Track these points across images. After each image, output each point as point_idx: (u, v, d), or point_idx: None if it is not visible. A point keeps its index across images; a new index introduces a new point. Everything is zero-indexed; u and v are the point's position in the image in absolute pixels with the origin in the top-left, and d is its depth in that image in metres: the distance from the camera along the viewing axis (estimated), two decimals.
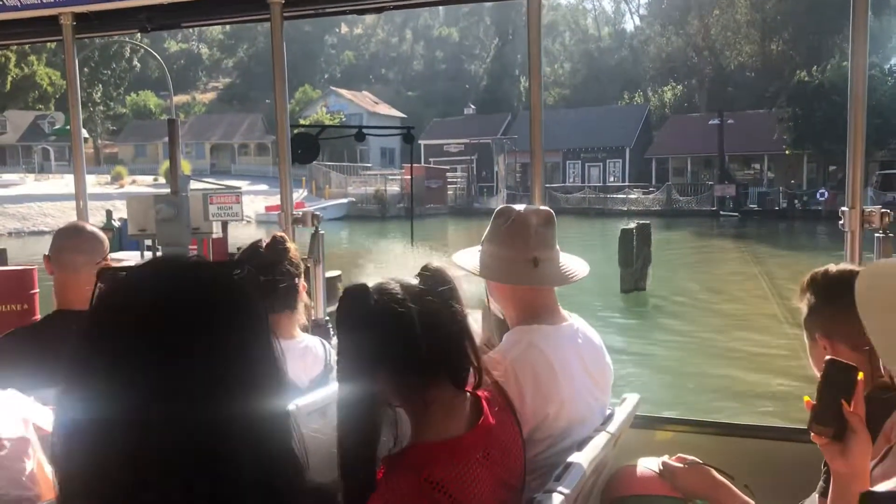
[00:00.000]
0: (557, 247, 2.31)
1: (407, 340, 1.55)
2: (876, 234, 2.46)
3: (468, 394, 1.66)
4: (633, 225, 16.99)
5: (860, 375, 1.57)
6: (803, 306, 2.07)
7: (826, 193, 39.21)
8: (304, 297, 2.76)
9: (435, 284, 1.63)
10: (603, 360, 2.34)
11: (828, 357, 1.63)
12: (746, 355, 11.14)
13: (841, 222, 2.50)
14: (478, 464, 1.58)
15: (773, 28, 49.49)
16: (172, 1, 3.06)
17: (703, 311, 15.23)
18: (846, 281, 1.91)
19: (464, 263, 2.24)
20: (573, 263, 2.33)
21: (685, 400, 9.10)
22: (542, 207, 2.33)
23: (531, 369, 2.07)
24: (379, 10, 3.02)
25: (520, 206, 2.31)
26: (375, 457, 1.58)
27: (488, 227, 2.32)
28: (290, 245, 2.71)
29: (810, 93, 41.76)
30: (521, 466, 1.76)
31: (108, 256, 2.85)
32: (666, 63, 57.16)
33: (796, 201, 41.43)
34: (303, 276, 2.76)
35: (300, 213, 3.12)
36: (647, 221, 17.84)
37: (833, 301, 1.98)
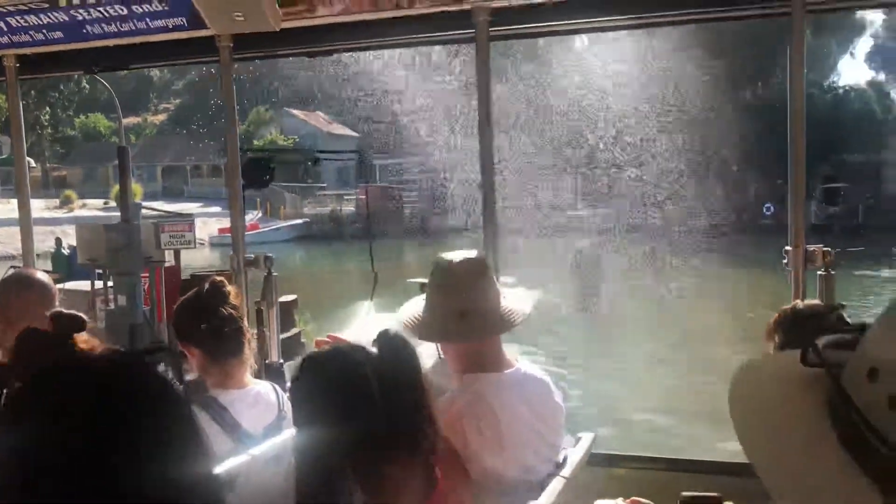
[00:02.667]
0: (497, 291, 2.30)
1: (366, 416, 1.54)
2: (818, 273, 2.52)
3: (423, 458, 1.65)
4: (587, 243, 17.19)
5: None
6: (771, 346, 2.07)
7: (772, 207, 39.99)
8: (250, 342, 2.72)
9: (393, 352, 1.63)
10: (552, 402, 2.35)
11: (683, 494, 1.59)
12: (702, 370, 11.28)
13: (785, 261, 2.56)
14: None
15: (718, 45, 50.50)
16: (119, 43, 3.04)
17: (653, 329, 15.40)
18: (818, 316, 1.95)
19: (401, 317, 2.25)
20: (515, 304, 2.33)
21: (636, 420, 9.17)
22: (475, 256, 2.33)
23: (476, 421, 2.07)
24: (329, 53, 3.04)
25: (455, 255, 2.31)
26: None
27: (430, 277, 2.33)
28: (231, 289, 2.66)
29: (755, 110, 42.71)
30: None
31: (56, 304, 2.80)
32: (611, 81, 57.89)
33: (744, 215, 42.16)
34: (246, 319, 2.72)
35: (252, 256, 3.10)
36: (596, 241, 18.06)
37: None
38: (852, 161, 39.44)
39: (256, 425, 2.64)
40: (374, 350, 1.63)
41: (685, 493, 1.53)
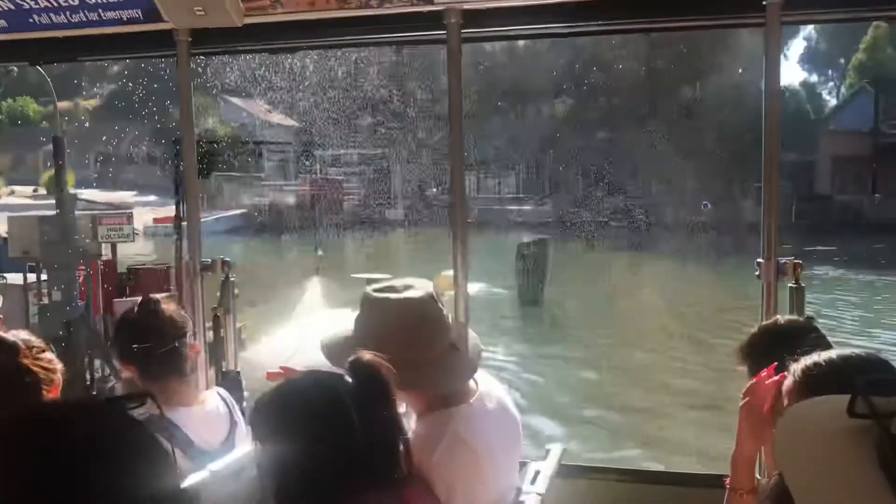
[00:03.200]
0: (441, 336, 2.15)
1: (346, 442, 1.49)
2: (789, 285, 2.53)
3: (397, 486, 1.61)
4: (530, 240, 17.31)
5: None
6: (743, 366, 2.03)
7: (708, 205, 40.98)
8: (194, 358, 2.65)
9: (368, 379, 1.58)
10: (511, 416, 2.32)
11: None
12: (644, 367, 11.47)
13: (757, 273, 2.55)
14: None
15: (659, 46, 51.48)
16: (68, 35, 2.87)
17: (597, 324, 15.61)
18: (801, 333, 1.93)
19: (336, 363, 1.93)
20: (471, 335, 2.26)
21: (586, 420, 9.26)
22: (425, 290, 2.13)
23: (461, 467, 1.99)
24: (292, 51, 2.93)
25: (399, 292, 2.11)
26: None
27: (360, 316, 2.15)
28: (165, 307, 2.56)
29: (694, 108, 43.69)
30: None
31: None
32: (556, 77, 58.53)
33: (682, 211, 43.08)
34: (190, 335, 2.64)
35: (209, 260, 2.98)
36: (545, 236, 18.18)
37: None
38: (786, 160, 40.63)
39: (212, 440, 2.58)
40: (347, 377, 1.58)
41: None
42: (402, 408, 2.08)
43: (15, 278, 10.24)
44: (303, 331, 10.04)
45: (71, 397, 1.01)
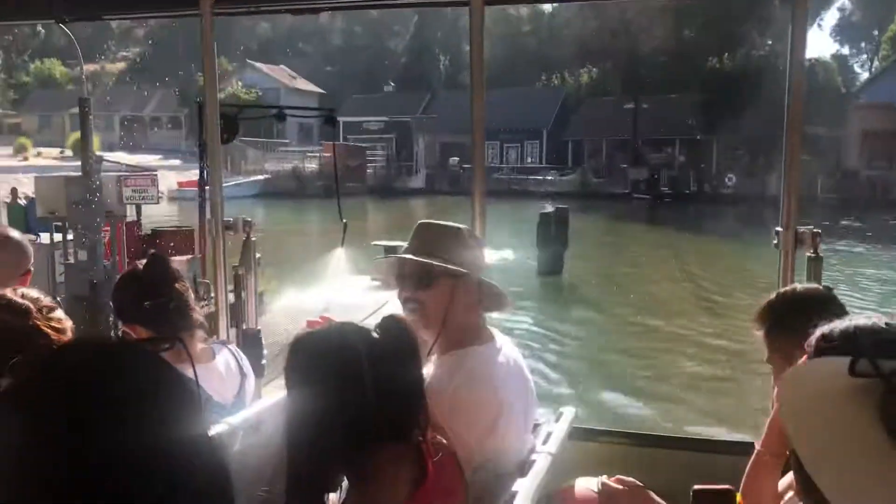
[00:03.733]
0: None
1: (355, 400, 1.50)
2: (807, 255, 2.51)
3: (414, 447, 1.61)
4: (551, 209, 17.21)
5: (738, 498, 1.50)
6: (760, 329, 2.03)
7: (734, 178, 40.61)
8: (198, 314, 2.60)
9: (393, 337, 1.59)
10: (525, 376, 2.35)
11: (694, 487, 1.54)
12: (662, 337, 11.46)
13: (775, 242, 2.54)
14: None
15: (687, 15, 50.69)
16: None
17: (617, 294, 15.58)
18: (821, 302, 1.93)
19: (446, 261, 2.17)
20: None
21: (603, 385, 9.29)
22: (465, 227, 2.33)
23: (475, 399, 2.04)
24: (315, 12, 2.93)
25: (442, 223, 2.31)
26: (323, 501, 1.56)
27: (442, 239, 2.25)
28: (171, 262, 2.57)
29: (721, 80, 43.08)
30: None
31: (30, 267, 2.71)
32: (582, 46, 57.87)
33: (706, 185, 42.75)
34: (224, 284, 2.65)
35: (231, 219, 3.01)
36: (566, 206, 18.08)
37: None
38: (812, 134, 40.01)
39: (227, 395, 2.60)
40: (374, 333, 1.58)
41: (697, 487, 1.51)
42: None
43: (42, 238, 10.38)
44: (323, 295, 10.10)
45: (101, 338, 0.99)
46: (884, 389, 0.83)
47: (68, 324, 2.13)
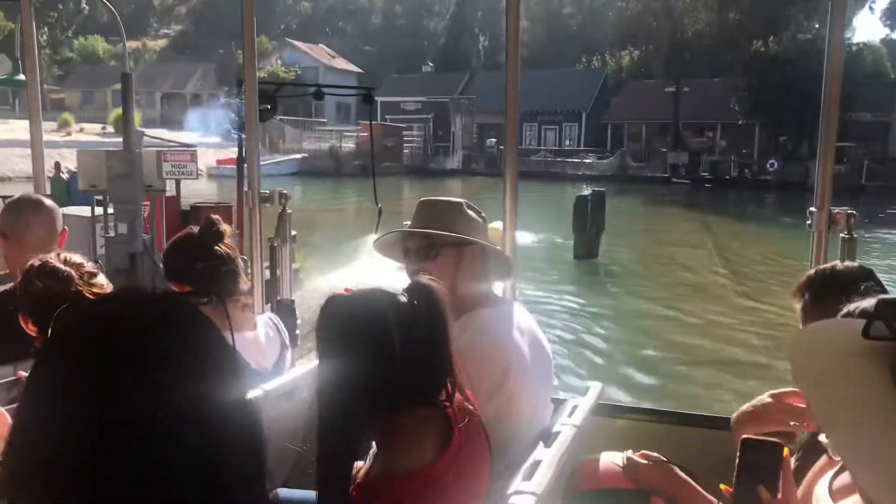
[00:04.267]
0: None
1: (382, 362, 1.52)
2: (841, 235, 2.49)
3: (440, 410, 1.63)
4: (587, 191, 17.07)
5: (786, 452, 1.47)
6: (798, 304, 2.01)
7: (776, 164, 39.95)
8: (245, 283, 2.65)
9: (422, 301, 1.60)
10: (545, 350, 2.35)
11: (744, 436, 1.50)
12: (698, 323, 11.36)
13: (808, 222, 2.52)
14: (449, 487, 1.57)
15: None
16: None
17: (654, 280, 15.46)
18: (857, 280, 1.91)
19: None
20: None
21: (634, 365, 9.25)
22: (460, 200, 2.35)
23: (479, 356, 2.03)
24: None
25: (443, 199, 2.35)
26: (352, 463, 1.58)
27: (443, 213, 2.30)
28: (225, 227, 2.58)
29: (765, 64, 42.29)
30: (488, 474, 1.76)
31: (65, 227, 2.78)
32: (624, 28, 57.18)
33: (747, 170, 42.12)
34: (260, 255, 2.68)
35: (267, 192, 3.06)
36: (602, 189, 17.91)
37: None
38: (860, 120, 39.13)
39: (263, 364, 2.65)
40: (402, 297, 1.60)
41: (746, 436, 1.49)
42: None
43: (83, 210, 10.56)
44: (356, 274, 10.17)
45: (142, 289, 0.99)
46: None
47: (109, 289, 2.18)
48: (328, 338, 1.58)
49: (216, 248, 2.53)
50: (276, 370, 2.67)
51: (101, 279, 2.18)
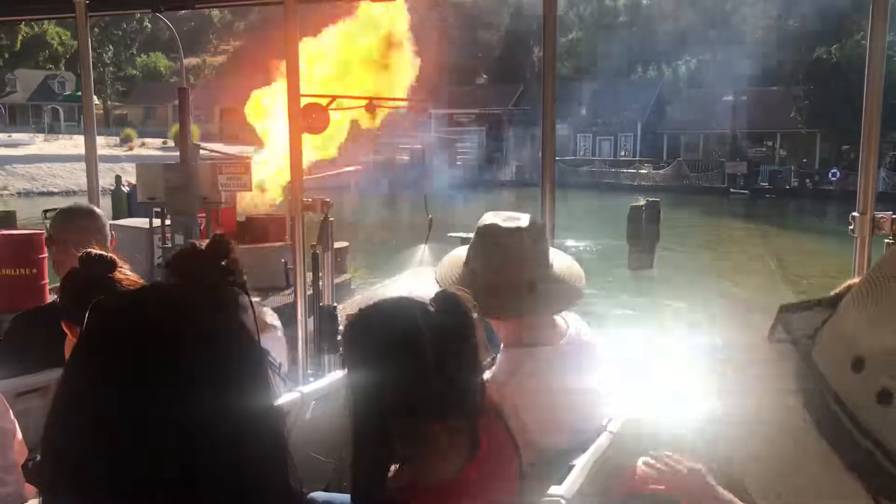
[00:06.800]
0: (553, 260, 2.20)
1: (412, 372, 1.52)
2: (885, 241, 2.44)
3: (468, 421, 1.62)
4: (642, 202, 16.88)
5: None
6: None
7: (838, 173, 38.96)
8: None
9: (450, 311, 1.60)
10: (602, 367, 2.33)
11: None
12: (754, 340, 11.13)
13: (851, 227, 2.47)
14: (478, 495, 1.57)
15: (794, 3, 48.84)
16: None
17: (710, 293, 15.20)
18: None
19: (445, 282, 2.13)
20: (573, 270, 2.24)
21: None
22: (530, 219, 2.16)
23: (532, 401, 2.00)
24: None
25: (505, 220, 2.14)
26: (386, 472, 1.59)
27: (472, 245, 2.18)
28: (233, 244, 2.64)
29: (827, 71, 41.34)
30: (517, 480, 1.74)
31: (113, 238, 2.88)
32: (680, 37, 56.50)
33: (808, 180, 41.18)
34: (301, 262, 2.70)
35: (310, 200, 3.11)
36: (657, 199, 17.70)
37: None
38: None
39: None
40: (431, 307, 1.59)
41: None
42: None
43: (142, 222, 10.84)
44: (406, 285, 10.23)
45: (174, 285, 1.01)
46: (795, 354, 0.80)
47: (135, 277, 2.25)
48: (359, 347, 1.59)
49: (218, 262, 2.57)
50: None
51: (137, 276, 2.24)
